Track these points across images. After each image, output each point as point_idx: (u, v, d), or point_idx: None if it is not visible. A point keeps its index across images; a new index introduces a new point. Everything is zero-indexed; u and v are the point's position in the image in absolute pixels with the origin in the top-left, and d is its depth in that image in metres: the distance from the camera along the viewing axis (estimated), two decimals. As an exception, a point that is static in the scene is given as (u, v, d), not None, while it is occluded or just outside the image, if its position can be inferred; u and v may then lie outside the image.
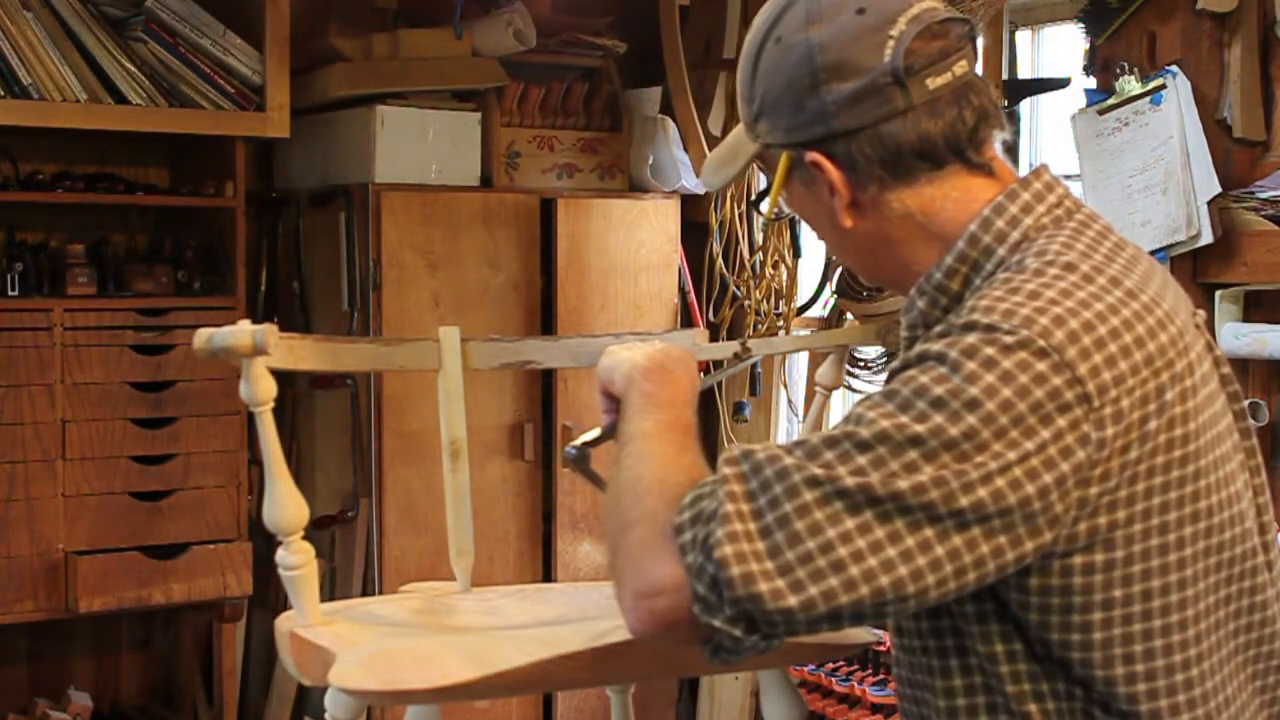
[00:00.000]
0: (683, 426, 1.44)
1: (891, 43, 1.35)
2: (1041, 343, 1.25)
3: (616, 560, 1.34)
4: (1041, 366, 1.24)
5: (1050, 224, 1.38)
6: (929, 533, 1.22)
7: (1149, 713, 1.30)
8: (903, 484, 1.21)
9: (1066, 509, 1.25)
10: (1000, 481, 1.22)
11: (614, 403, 1.58)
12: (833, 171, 1.39)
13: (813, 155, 1.39)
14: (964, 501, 1.21)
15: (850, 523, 1.22)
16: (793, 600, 1.21)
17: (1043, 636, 1.30)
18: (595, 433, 1.62)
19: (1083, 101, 3.30)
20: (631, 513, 1.33)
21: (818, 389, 2.23)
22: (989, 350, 1.24)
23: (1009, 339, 1.25)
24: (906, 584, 1.22)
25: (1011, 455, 1.22)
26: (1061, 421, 1.24)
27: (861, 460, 1.23)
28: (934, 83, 1.36)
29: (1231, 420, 1.41)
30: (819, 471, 1.23)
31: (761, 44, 1.43)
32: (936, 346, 1.27)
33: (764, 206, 1.50)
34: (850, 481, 1.22)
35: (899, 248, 1.42)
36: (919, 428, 1.23)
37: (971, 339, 1.26)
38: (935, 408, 1.23)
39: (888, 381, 1.31)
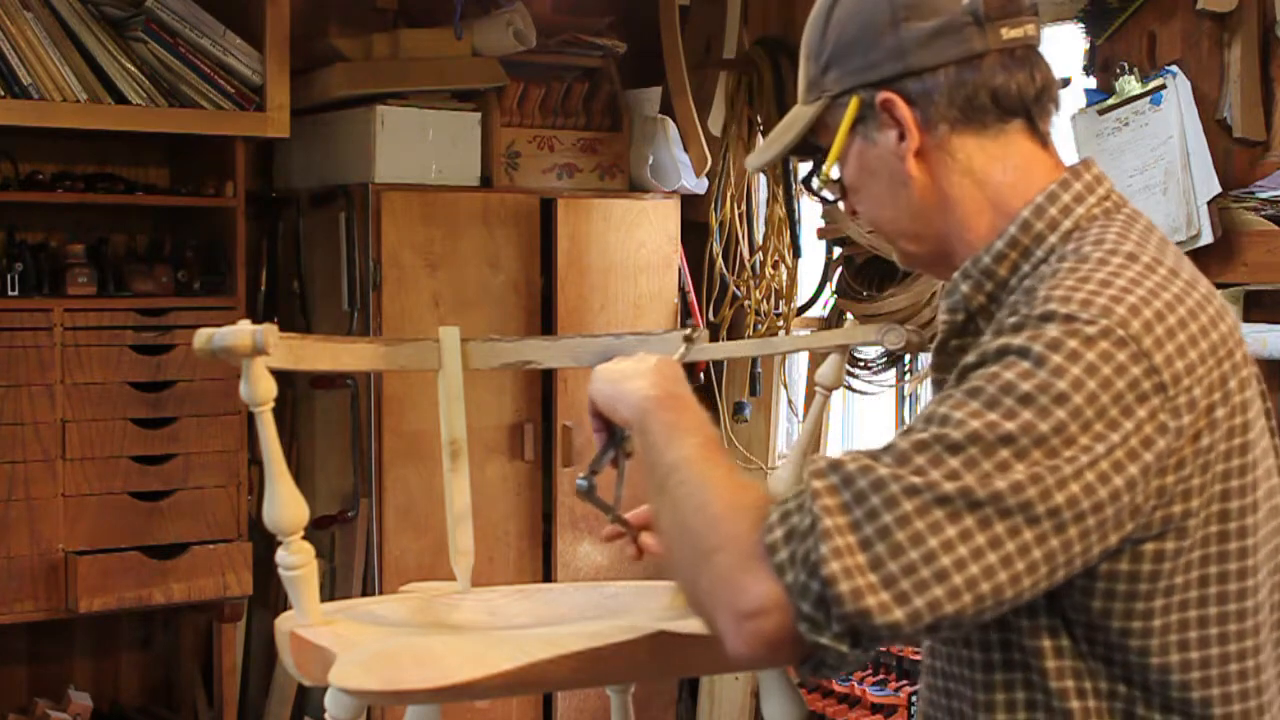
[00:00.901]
0: (718, 444, 1.41)
1: None
2: (1121, 332, 1.25)
3: (703, 585, 1.30)
4: (1122, 356, 1.24)
5: (1101, 215, 1.39)
6: (1028, 535, 1.21)
7: (1200, 701, 1.31)
8: (1001, 484, 1.20)
9: (1147, 499, 1.25)
10: (1090, 476, 1.22)
11: (604, 423, 1.58)
12: (905, 110, 1.39)
13: (886, 94, 1.39)
14: (1059, 498, 1.21)
15: (951, 530, 1.20)
16: (899, 614, 1.20)
17: (1103, 625, 1.30)
18: (597, 459, 1.62)
19: (1083, 101, 3.30)
20: (709, 538, 1.30)
21: (818, 389, 2.23)
22: (1072, 343, 1.24)
23: (1090, 329, 1.25)
24: (1006, 589, 1.21)
25: (1100, 448, 1.22)
26: (1142, 412, 1.24)
27: (955, 463, 1.22)
28: (1008, 33, 1.38)
29: (1265, 420, 1.42)
30: (916, 480, 1.21)
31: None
32: (1018, 340, 1.26)
33: (819, 180, 1.48)
34: (949, 487, 1.21)
35: (953, 210, 1.42)
36: (1010, 425, 1.22)
37: (1053, 332, 1.25)
38: (1023, 404, 1.23)
39: (944, 364, 1.31)
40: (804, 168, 1.53)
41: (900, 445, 1.24)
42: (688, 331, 2.18)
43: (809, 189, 1.56)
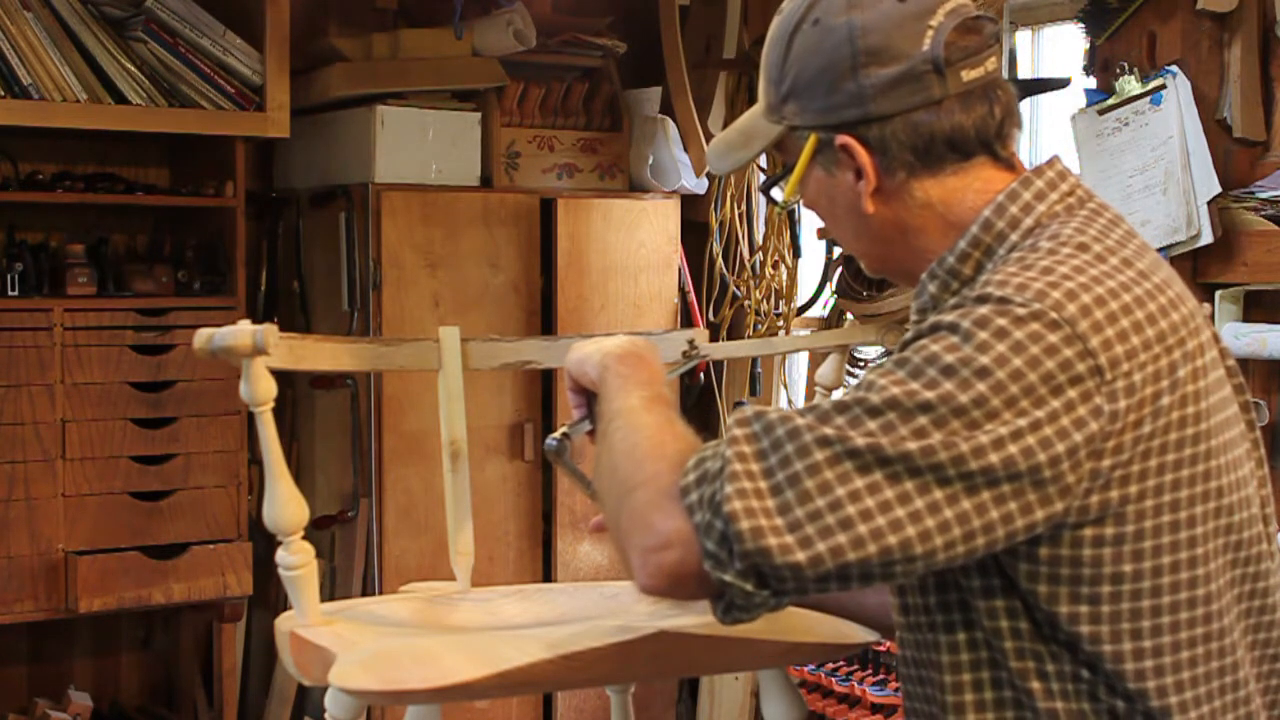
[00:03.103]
0: (665, 401, 1.47)
1: (931, 32, 1.38)
2: (1054, 315, 1.27)
3: (621, 523, 1.36)
4: (1054, 338, 1.26)
5: (1063, 211, 1.40)
6: (938, 495, 1.23)
7: (1156, 689, 1.31)
8: (911, 445, 1.23)
9: (1078, 480, 1.26)
10: (1012, 448, 1.23)
11: (584, 398, 1.62)
12: (863, 156, 1.40)
13: (844, 138, 1.40)
14: (974, 465, 1.23)
15: (860, 482, 1.23)
16: (800, 555, 1.23)
17: (1052, 610, 1.31)
18: (572, 425, 1.65)
19: (1083, 101, 3.30)
20: (632, 478, 1.36)
21: (817, 389, 2.23)
22: (1001, 321, 1.26)
23: (1021, 310, 1.27)
24: (914, 544, 1.23)
25: (1022, 422, 1.24)
26: (1073, 393, 1.25)
27: (872, 424, 1.25)
28: (968, 75, 1.39)
29: (1238, 410, 1.42)
30: (830, 432, 1.25)
31: (797, 25, 1.44)
32: (949, 317, 1.29)
33: (780, 193, 1.51)
34: (861, 442, 1.24)
35: (916, 236, 1.43)
36: (929, 394, 1.25)
37: (984, 310, 1.28)
38: (945, 375, 1.25)
39: (899, 351, 1.32)
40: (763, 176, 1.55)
41: (824, 405, 1.28)
42: (687, 347, 2.19)
43: (767, 196, 1.60)
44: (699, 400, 4.27)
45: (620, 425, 1.43)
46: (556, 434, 1.66)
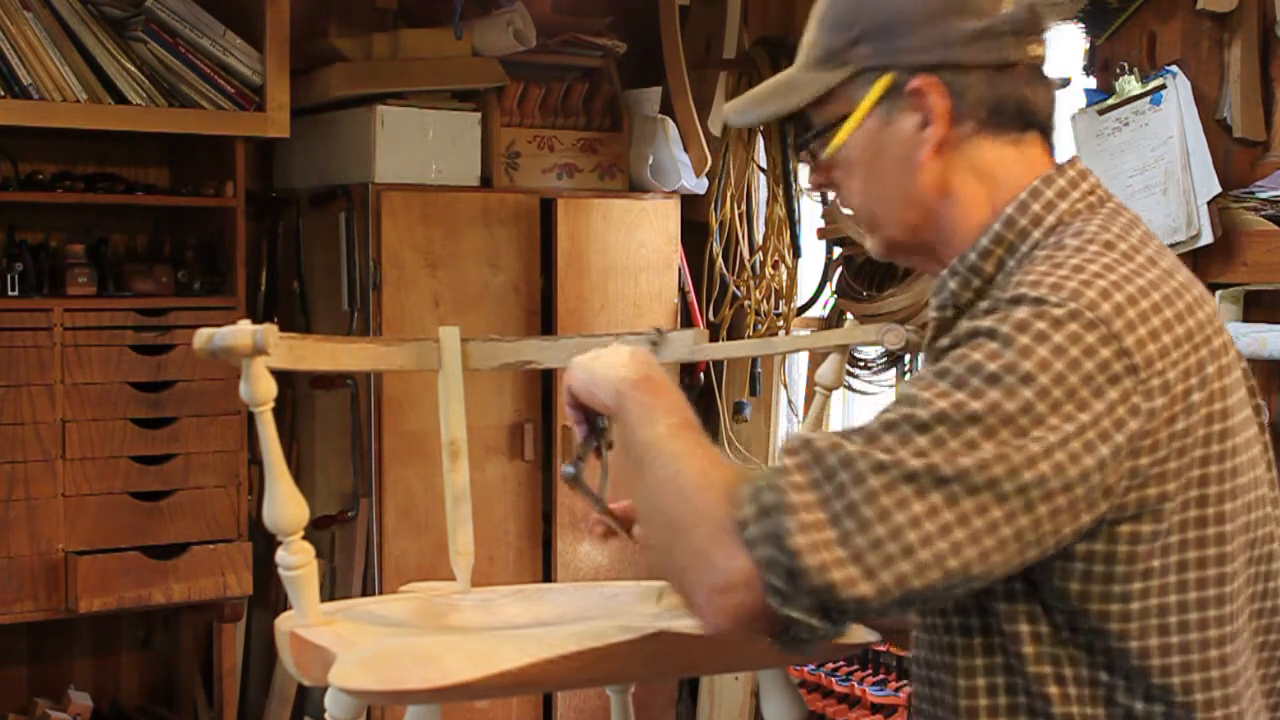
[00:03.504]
0: (693, 426, 1.44)
1: None
2: (1090, 315, 1.27)
3: (677, 560, 1.33)
4: (1091, 338, 1.26)
5: (1085, 210, 1.41)
6: (996, 514, 1.23)
7: (1181, 686, 1.31)
8: (967, 461, 1.22)
9: (1119, 479, 1.26)
10: (1060, 455, 1.23)
11: (582, 414, 1.59)
12: (939, 99, 1.40)
13: (923, 79, 1.40)
14: (1027, 476, 1.22)
15: (918, 506, 1.22)
16: (866, 587, 1.22)
17: (1081, 608, 1.31)
18: (581, 446, 1.63)
19: (1083, 101, 3.30)
20: (683, 514, 1.32)
21: (818, 389, 2.23)
22: (1040, 324, 1.26)
23: (1058, 311, 1.26)
24: (974, 565, 1.23)
25: (1069, 428, 1.24)
26: (1113, 393, 1.25)
27: (922, 441, 1.23)
28: (1034, 51, 1.42)
29: (1251, 412, 1.43)
30: (883, 456, 1.23)
31: None
32: (987, 323, 1.28)
33: (824, 144, 1.46)
34: (915, 464, 1.23)
35: (952, 205, 1.43)
36: (976, 404, 1.24)
37: (1021, 313, 1.27)
38: (990, 383, 1.24)
39: (935, 361, 1.31)
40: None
41: (870, 426, 1.26)
42: (655, 336, 2.19)
43: (803, 151, 1.55)
44: (699, 400, 4.27)
45: (655, 458, 1.38)
46: (570, 461, 1.63)
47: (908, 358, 3.88)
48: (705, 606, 1.30)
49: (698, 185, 4.29)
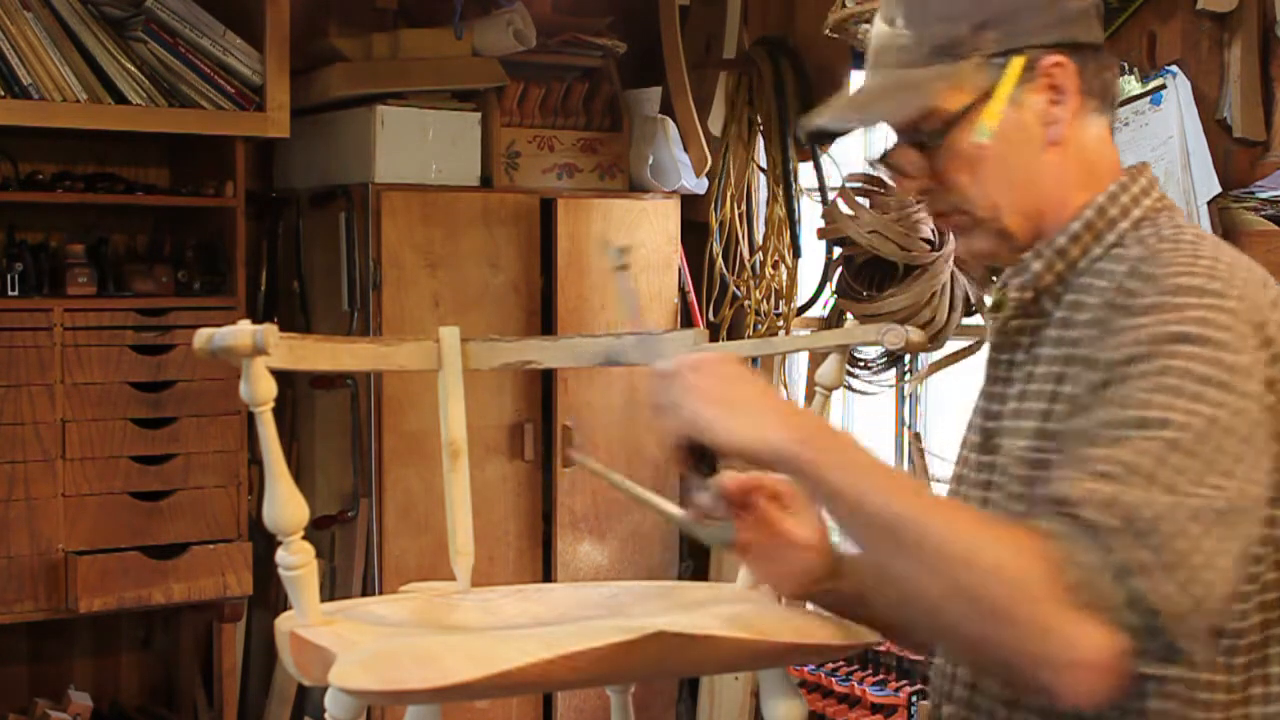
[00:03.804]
0: (894, 472, 1.42)
1: None
2: (1243, 302, 1.31)
3: (1006, 642, 1.25)
4: (1253, 321, 1.31)
5: (1164, 210, 1.46)
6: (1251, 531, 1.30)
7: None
8: (1255, 491, 1.28)
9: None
10: (1276, 447, 1.31)
11: (690, 451, 1.44)
12: (1070, 78, 1.43)
13: (1058, 57, 1.42)
14: (1259, 486, 1.29)
15: (1234, 545, 1.26)
16: (1211, 621, 1.26)
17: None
18: (695, 488, 1.50)
19: (1083, 101, 3.30)
20: (994, 593, 1.25)
21: (818, 389, 2.22)
22: (1222, 317, 1.29)
23: (1230, 302, 1.30)
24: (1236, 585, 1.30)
25: (1260, 414, 1.29)
26: (1272, 372, 1.31)
27: (1214, 478, 1.25)
28: (1101, 36, 1.46)
29: None
30: (1195, 503, 1.24)
31: None
32: (1171, 328, 1.28)
33: (974, 132, 1.42)
34: (1221, 503, 1.24)
35: (1058, 186, 1.45)
36: (1222, 414, 1.26)
37: (1197, 311, 1.29)
38: (1223, 390, 1.27)
39: (1105, 370, 1.30)
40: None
41: (1144, 464, 1.24)
42: (619, 258, 2.18)
43: (932, 143, 1.44)
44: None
45: (918, 533, 1.27)
46: (691, 506, 1.53)
47: (907, 358, 3.87)
48: (1063, 682, 1.24)
49: (698, 185, 4.29)
